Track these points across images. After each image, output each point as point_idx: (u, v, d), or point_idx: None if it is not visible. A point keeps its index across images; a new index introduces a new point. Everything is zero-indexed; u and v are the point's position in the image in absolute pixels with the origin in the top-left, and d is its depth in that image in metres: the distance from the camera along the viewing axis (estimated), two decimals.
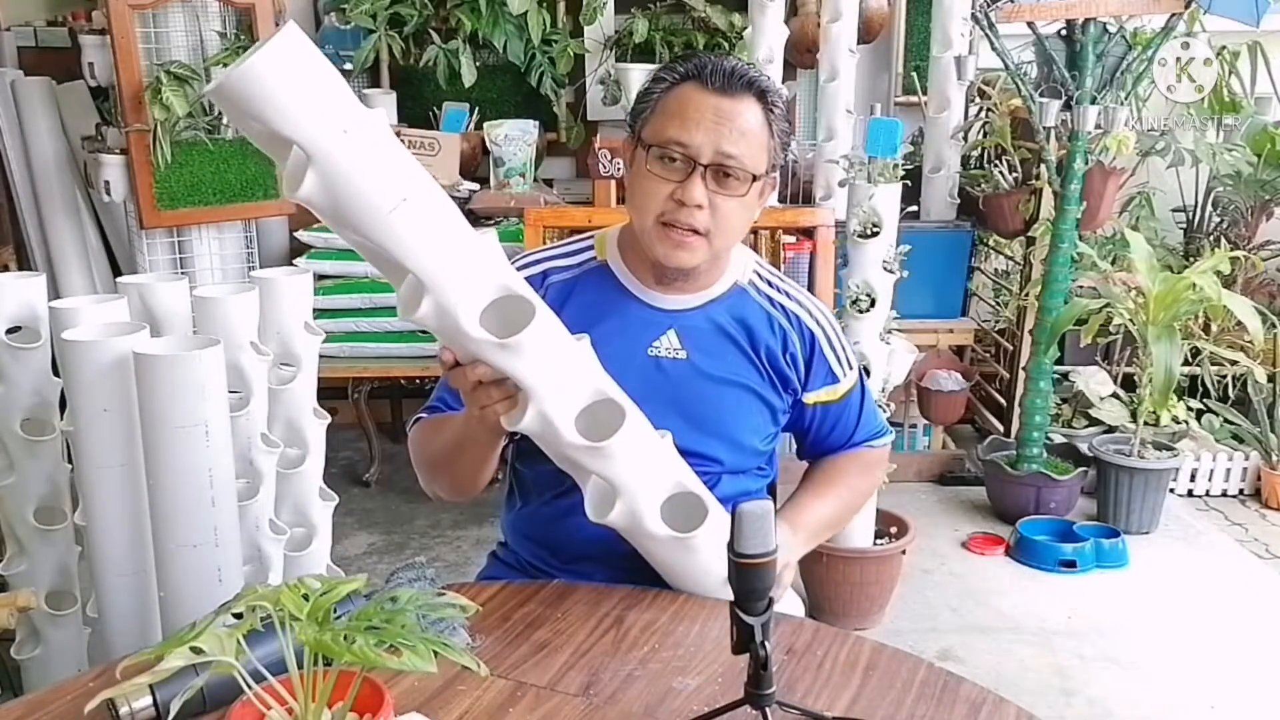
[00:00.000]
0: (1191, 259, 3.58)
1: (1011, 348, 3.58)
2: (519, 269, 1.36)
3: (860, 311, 2.50)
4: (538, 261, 1.38)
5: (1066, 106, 2.97)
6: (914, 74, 3.81)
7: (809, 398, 1.40)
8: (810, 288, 2.60)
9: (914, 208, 3.43)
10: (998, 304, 3.79)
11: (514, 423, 1.14)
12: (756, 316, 1.36)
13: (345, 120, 0.99)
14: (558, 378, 1.13)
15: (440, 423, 1.34)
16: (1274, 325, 3.27)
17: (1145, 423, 3.13)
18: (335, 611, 0.84)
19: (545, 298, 1.32)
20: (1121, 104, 3.04)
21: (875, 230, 2.47)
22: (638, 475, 1.18)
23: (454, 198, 3.68)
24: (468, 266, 1.08)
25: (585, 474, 1.20)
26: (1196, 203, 3.83)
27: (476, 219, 3.35)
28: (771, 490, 1.47)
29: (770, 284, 1.39)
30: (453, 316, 1.06)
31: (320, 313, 2.93)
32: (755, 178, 1.25)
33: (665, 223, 1.25)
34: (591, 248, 1.38)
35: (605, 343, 1.30)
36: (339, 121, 0.98)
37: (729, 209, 1.25)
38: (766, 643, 0.91)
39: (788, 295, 1.39)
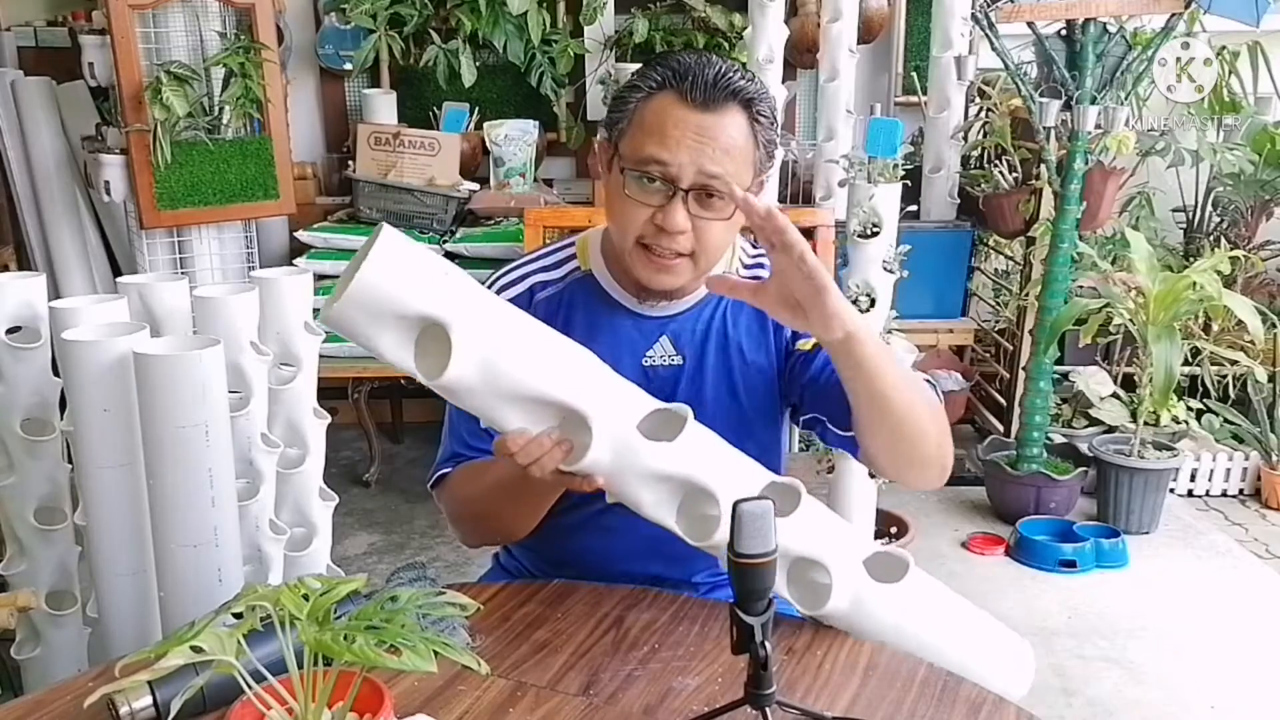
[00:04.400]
0: (1192, 259, 3.58)
1: (1011, 348, 3.58)
2: (505, 285, 1.32)
3: (860, 312, 2.50)
4: (523, 277, 1.32)
5: (1066, 106, 2.97)
6: (914, 74, 3.81)
7: (804, 343, 1.28)
8: None
9: (914, 207, 3.43)
10: (998, 304, 3.79)
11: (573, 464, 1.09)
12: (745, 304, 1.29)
13: (467, 284, 1.03)
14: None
15: (478, 470, 1.26)
16: (1274, 325, 3.27)
17: (1145, 423, 3.13)
18: (335, 611, 0.84)
19: (532, 314, 1.30)
20: (1121, 104, 3.04)
21: (875, 230, 2.47)
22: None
23: (454, 198, 3.65)
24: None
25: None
26: (1196, 203, 3.83)
27: (477, 219, 3.35)
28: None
29: (751, 264, 1.33)
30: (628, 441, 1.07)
31: (320, 312, 2.93)
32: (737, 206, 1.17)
33: (646, 244, 1.20)
34: (574, 256, 1.33)
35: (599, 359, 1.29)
36: (463, 286, 1.02)
37: (713, 230, 1.19)
38: (766, 643, 0.91)
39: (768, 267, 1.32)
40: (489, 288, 1.33)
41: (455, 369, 1.00)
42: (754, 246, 1.36)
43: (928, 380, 1.27)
